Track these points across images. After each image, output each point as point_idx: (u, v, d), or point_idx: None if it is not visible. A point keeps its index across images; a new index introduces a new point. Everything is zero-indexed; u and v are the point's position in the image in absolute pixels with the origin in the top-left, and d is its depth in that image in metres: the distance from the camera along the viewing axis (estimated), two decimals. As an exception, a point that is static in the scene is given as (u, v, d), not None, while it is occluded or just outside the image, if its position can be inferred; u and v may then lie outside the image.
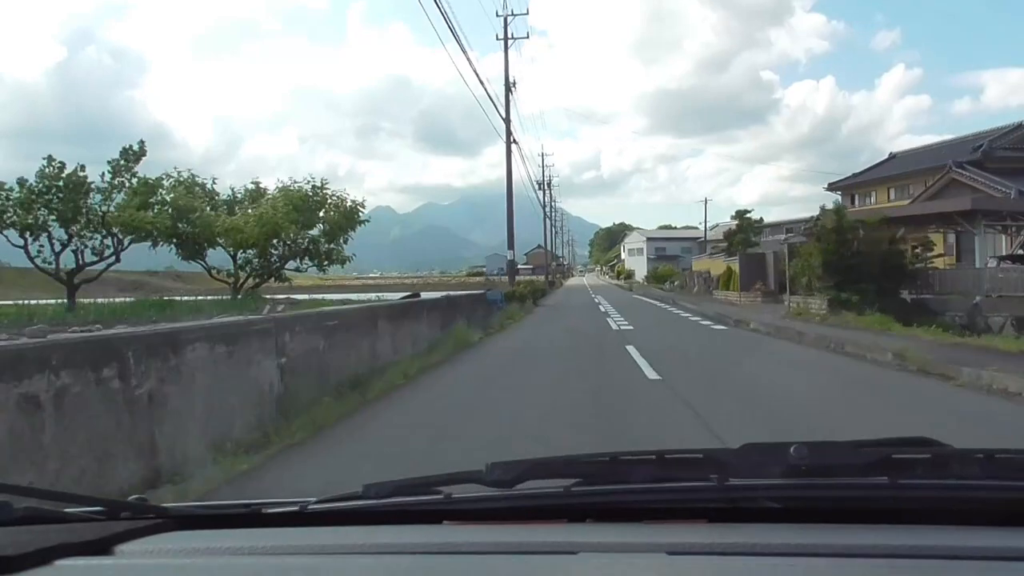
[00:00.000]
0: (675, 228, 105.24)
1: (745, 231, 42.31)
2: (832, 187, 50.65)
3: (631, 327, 18.60)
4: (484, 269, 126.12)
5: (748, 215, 43.86)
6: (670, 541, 1.00)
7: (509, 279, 33.01)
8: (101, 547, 1.06)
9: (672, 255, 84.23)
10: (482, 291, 23.71)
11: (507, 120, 33.33)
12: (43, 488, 1.37)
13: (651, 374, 9.41)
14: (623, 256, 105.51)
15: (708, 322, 20.26)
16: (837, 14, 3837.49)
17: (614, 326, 19.18)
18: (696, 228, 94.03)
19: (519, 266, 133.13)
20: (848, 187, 47.70)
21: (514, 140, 33.88)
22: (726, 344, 14.47)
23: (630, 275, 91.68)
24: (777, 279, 30.11)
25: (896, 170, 43.77)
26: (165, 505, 1.29)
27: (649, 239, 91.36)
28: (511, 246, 32.96)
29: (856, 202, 46.91)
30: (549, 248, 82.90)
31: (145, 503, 1.29)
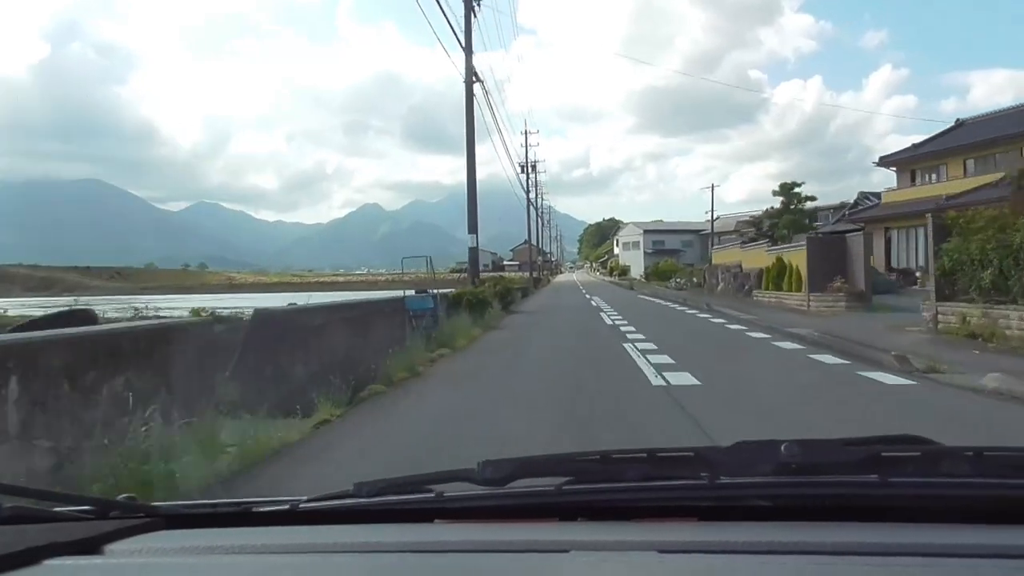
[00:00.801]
0: (668, 223, 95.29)
1: (794, 212, 32.27)
2: (884, 161, 41.17)
3: (694, 378, 8.56)
4: (466, 265, 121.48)
5: (796, 190, 33.68)
6: (661, 539, 0.99)
7: (470, 275, 23.16)
8: (90, 546, 1.04)
9: (671, 249, 74.86)
10: (404, 293, 13.54)
11: (467, 49, 23.35)
12: (32, 487, 1.32)
13: None
14: (616, 251, 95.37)
15: (835, 358, 10.14)
16: (825, 14, 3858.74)
17: (651, 375, 9.15)
18: (690, 223, 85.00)
19: (505, 262, 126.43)
20: (905, 161, 38.29)
21: (477, 78, 23.87)
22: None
23: (625, 271, 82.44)
24: (867, 275, 20.38)
25: (971, 138, 34.23)
26: (155, 504, 1.26)
27: (646, 232, 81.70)
28: (473, 229, 23.11)
29: (917, 179, 37.43)
30: (535, 242, 73.26)
31: (135, 502, 1.26)
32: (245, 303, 17.48)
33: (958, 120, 38.43)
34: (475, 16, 24.02)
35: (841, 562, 0.91)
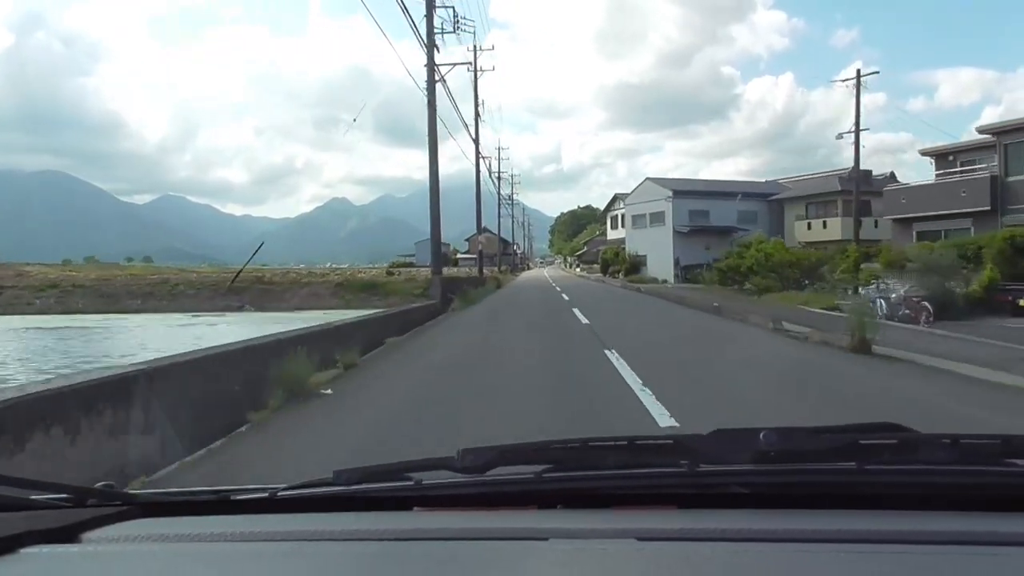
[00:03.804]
0: (713, 181, 59.50)
1: None
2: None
3: None
4: (413, 259, 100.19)
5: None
6: (640, 527, 0.99)
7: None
8: (67, 534, 1.04)
9: (720, 227, 42.07)
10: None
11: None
12: (8, 475, 1.25)
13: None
14: (615, 233, 57.36)
15: None
16: (797, 12, 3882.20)
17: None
18: (744, 182, 54.06)
19: (459, 255, 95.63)
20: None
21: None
22: None
23: (636, 266, 48.09)
24: None
25: None
26: (132, 492, 1.26)
27: (678, 194, 43.41)
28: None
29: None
30: (500, 222, 41.66)
31: (112, 490, 1.25)
32: None
33: None
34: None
35: (819, 549, 0.91)
